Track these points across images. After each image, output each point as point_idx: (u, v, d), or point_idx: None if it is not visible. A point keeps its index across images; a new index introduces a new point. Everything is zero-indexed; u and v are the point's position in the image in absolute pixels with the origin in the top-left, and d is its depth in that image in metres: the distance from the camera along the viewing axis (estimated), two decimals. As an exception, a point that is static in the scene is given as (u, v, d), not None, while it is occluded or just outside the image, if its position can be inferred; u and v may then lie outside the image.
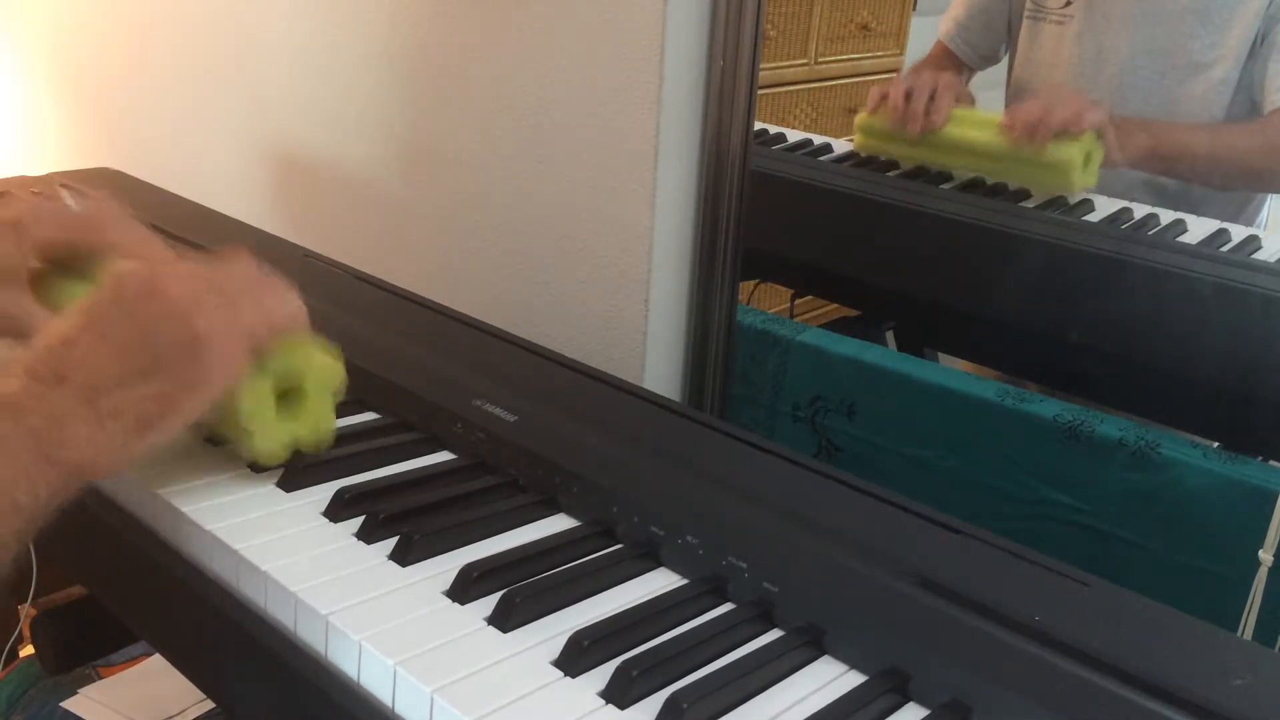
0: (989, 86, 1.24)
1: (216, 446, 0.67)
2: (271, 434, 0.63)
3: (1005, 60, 1.23)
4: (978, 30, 1.23)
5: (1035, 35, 1.17)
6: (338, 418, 0.71)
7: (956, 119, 1.16)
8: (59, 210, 0.69)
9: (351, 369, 0.75)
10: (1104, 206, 1.10)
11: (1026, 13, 1.17)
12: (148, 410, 0.56)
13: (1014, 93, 1.21)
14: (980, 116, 1.16)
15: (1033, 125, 1.08)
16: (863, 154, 1.23)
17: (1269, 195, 1.09)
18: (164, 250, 0.70)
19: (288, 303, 0.62)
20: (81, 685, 1.05)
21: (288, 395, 0.63)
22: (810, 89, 1.34)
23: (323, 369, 0.64)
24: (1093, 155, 1.07)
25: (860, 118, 1.23)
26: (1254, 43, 1.02)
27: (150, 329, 0.56)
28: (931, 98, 1.15)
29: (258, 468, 0.65)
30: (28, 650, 1.07)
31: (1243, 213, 1.09)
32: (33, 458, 0.52)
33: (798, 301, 1.28)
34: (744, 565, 0.57)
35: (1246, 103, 1.04)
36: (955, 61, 1.24)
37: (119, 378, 0.55)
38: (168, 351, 0.56)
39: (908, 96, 1.15)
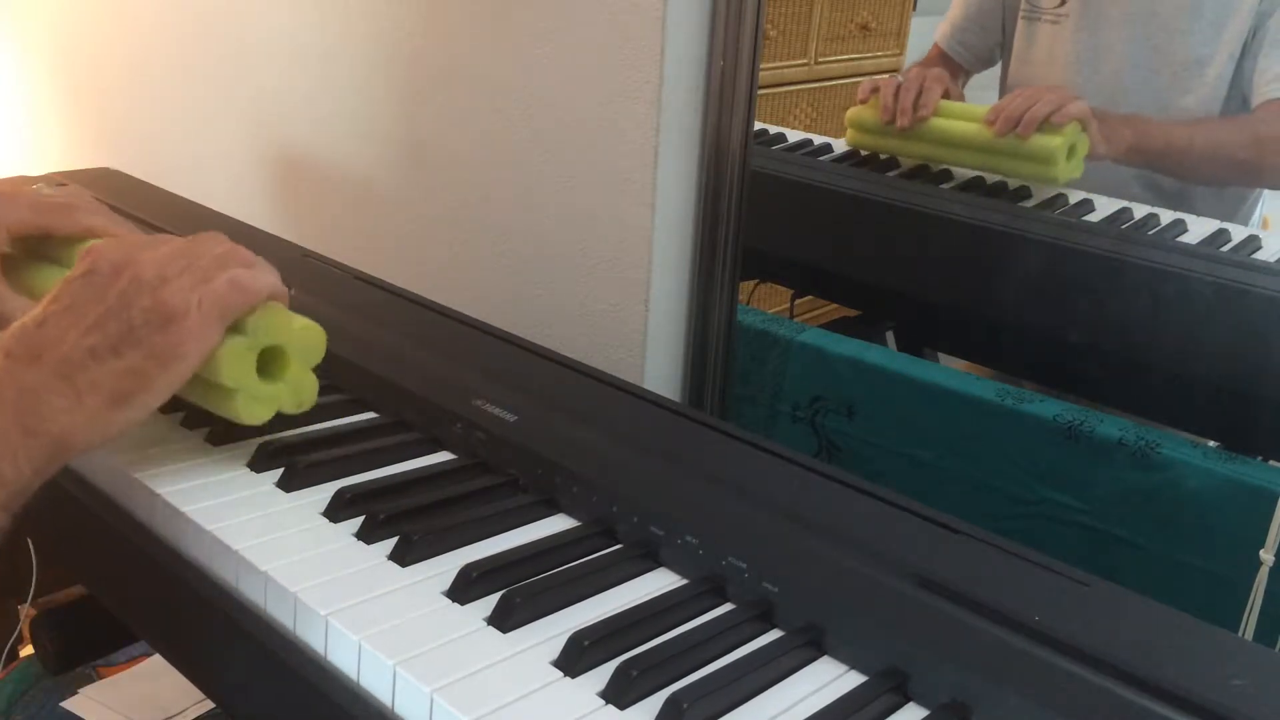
0: (982, 88, 1.24)
1: (212, 440, 0.67)
2: (255, 394, 0.63)
3: (1000, 62, 1.23)
4: (973, 31, 1.24)
5: (1031, 35, 1.17)
6: (340, 417, 0.71)
7: (943, 112, 1.17)
8: (31, 196, 0.70)
9: (351, 368, 0.76)
10: (1104, 206, 1.10)
11: (1021, 13, 1.18)
12: (123, 384, 0.56)
13: (1008, 94, 1.21)
14: (966, 109, 1.17)
15: (1016, 117, 1.09)
16: (852, 147, 1.24)
17: (1262, 195, 1.10)
18: (136, 233, 0.71)
19: (262, 275, 0.62)
20: (81, 685, 1.05)
21: (269, 359, 0.63)
22: (810, 89, 1.34)
23: (303, 332, 0.64)
24: (1077, 147, 1.08)
25: (851, 112, 1.23)
26: (1246, 39, 1.03)
27: (121, 304, 0.57)
28: (920, 92, 1.16)
29: (260, 463, 0.65)
30: (28, 650, 1.07)
31: (1238, 211, 1.09)
32: (13, 429, 0.54)
33: (798, 301, 1.28)
34: (744, 565, 0.57)
35: (1240, 99, 1.04)
36: (952, 65, 1.25)
37: (92, 352, 0.56)
38: (140, 325, 0.57)
39: (896, 90, 1.17)
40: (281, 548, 0.58)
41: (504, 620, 0.53)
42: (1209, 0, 1.05)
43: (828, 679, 0.52)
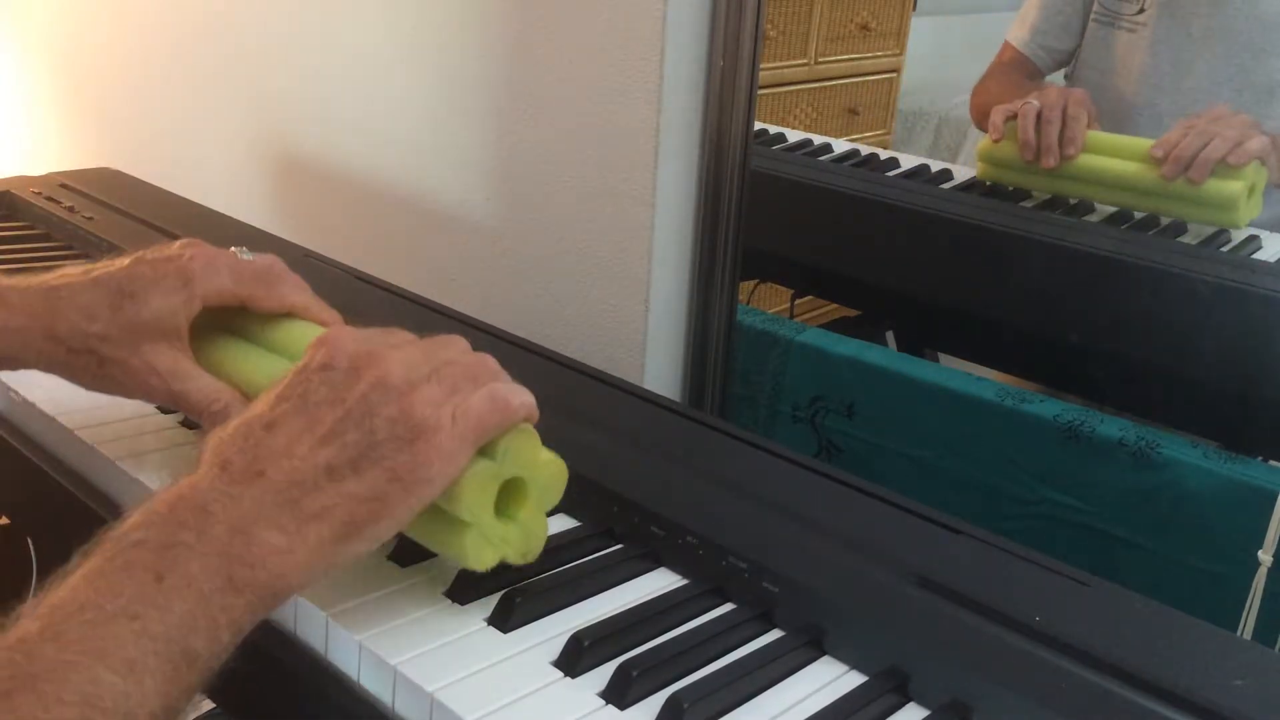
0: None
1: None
2: (488, 532, 0.52)
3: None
4: (1054, 33, 1.17)
5: (1103, 40, 1.12)
6: None
7: (1095, 145, 1.05)
8: (231, 261, 0.63)
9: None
10: (1104, 207, 1.10)
11: (1094, 16, 1.12)
12: (356, 511, 0.47)
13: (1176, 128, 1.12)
14: (1119, 143, 1.06)
15: (1188, 159, 0.98)
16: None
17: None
18: (339, 318, 0.63)
19: (519, 392, 0.53)
20: (81, 685, 1.05)
21: (504, 493, 0.54)
22: (810, 89, 1.34)
23: (548, 466, 0.55)
24: (1257, 185, 0.99)
25: (982, 145, 1.14)
26: None
27: (363, 410, 0.48)
28: (1064, 124, 1.05)
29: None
30: (28, 650, 1.07)
31: None
32: (217, 586, 0.43)
33: (798, 301, 1.28)
34: (744, 565, 0.57)
35: None
36: (1028, 66, 1.18)
37: (329, 471, 0.47)
38: (384, 439, 0.47)
39: (1037, 122, 1.06)
40: (282, 548, 0.58)
41: (504, 620, 0.53)
42: None
43: (828, 679, 0.52)
